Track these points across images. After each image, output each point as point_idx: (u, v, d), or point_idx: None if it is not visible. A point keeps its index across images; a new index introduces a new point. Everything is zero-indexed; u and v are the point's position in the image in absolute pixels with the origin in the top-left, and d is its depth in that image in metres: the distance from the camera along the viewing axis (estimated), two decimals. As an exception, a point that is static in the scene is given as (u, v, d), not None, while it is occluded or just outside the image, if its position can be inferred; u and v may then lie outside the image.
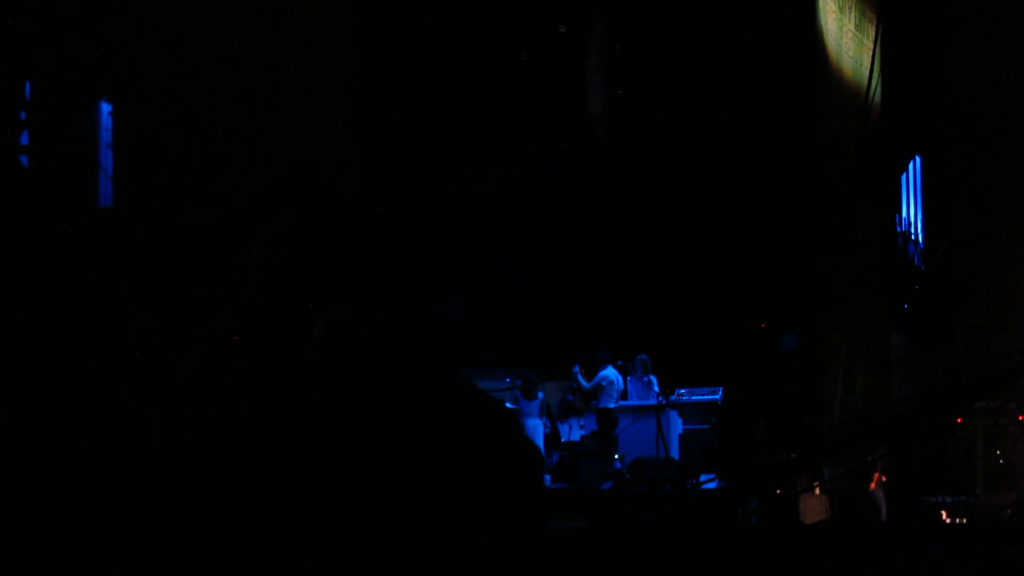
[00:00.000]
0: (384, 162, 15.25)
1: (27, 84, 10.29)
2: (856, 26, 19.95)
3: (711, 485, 14.55)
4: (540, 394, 16.78)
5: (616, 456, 16.13)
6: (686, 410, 16.80)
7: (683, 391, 16.94)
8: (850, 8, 19.91)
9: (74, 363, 9.17)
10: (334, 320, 11.71)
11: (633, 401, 16.61)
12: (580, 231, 18.76)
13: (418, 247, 17.17)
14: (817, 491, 13.78)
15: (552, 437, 17.08)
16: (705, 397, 17.05)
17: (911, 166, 21.50)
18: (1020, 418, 15.42)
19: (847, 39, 19.64)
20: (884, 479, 12.32)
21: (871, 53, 18.04)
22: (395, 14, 16.06)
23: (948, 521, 13.30)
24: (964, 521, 13.62)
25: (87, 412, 8.79)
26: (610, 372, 16.59)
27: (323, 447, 3.65)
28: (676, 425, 16.53)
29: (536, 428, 16.51)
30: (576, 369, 17.04)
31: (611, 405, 16.39)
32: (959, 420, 14.98)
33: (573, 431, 17.35)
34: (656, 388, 16.47)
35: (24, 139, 10.35)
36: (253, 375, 10.04)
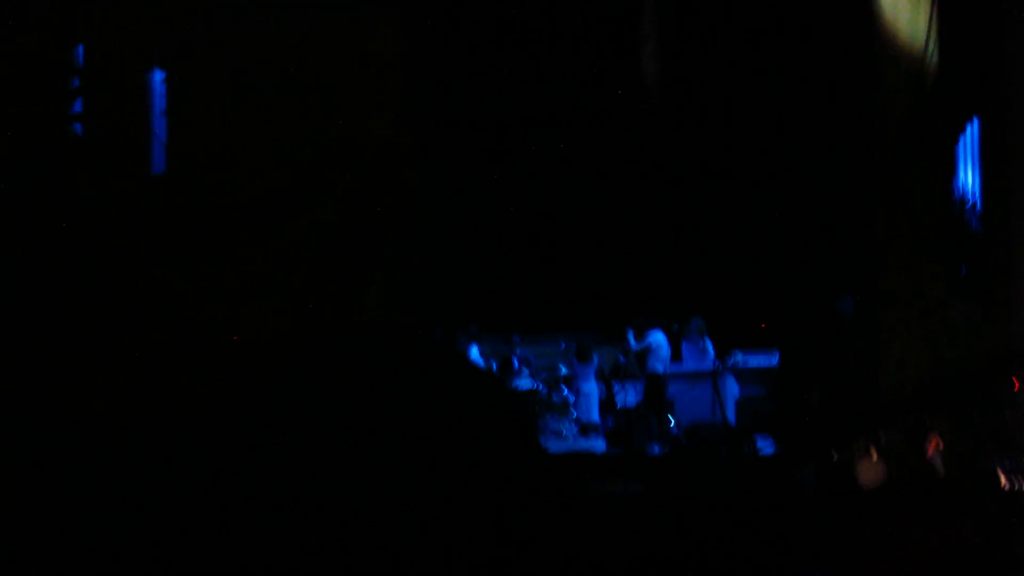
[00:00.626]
0: (438, 132, 15.24)
1: (80, 51, 10.32)
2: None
3: (767, 450, 14.51)
4: (595, 358, 16.77)
5: (672, 421, 16.11)
6: (742, 375, 16.75)
7: (739, 356, 16.88)
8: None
9: (128, 328, 9.23)
10: (388, 288, 11.72)
11: (688, 365, 16.57)
12: (636, 195, 18.68)
13: (475, 218, 17.17)
14: (874, 456, 13.69)
15: (608, 402, 17.09)
16: (761, 362, 16.98)
17: (969, 128, 21.25)
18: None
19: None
20: (942, 445, 12.20)
21: (927, 9, 17.81)
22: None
23: (1007, 486, 13.16)
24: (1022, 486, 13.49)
25: (134, 374, 8.85)
26: (657, 336, 16.54)
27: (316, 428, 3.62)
28: (732, 390, 16.48)
29: (591, 392, 16.51)
30: (630, 333, 17.01)
31: (659, 369, 16.36)
32: (1016, 387, 14.82)
33: (629, 395, 17.34)
34: (711, 352, 16.42)
35: (77, 107, 10.39)
36: (309, 340, 10.05)
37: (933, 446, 12.62)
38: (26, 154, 9.70)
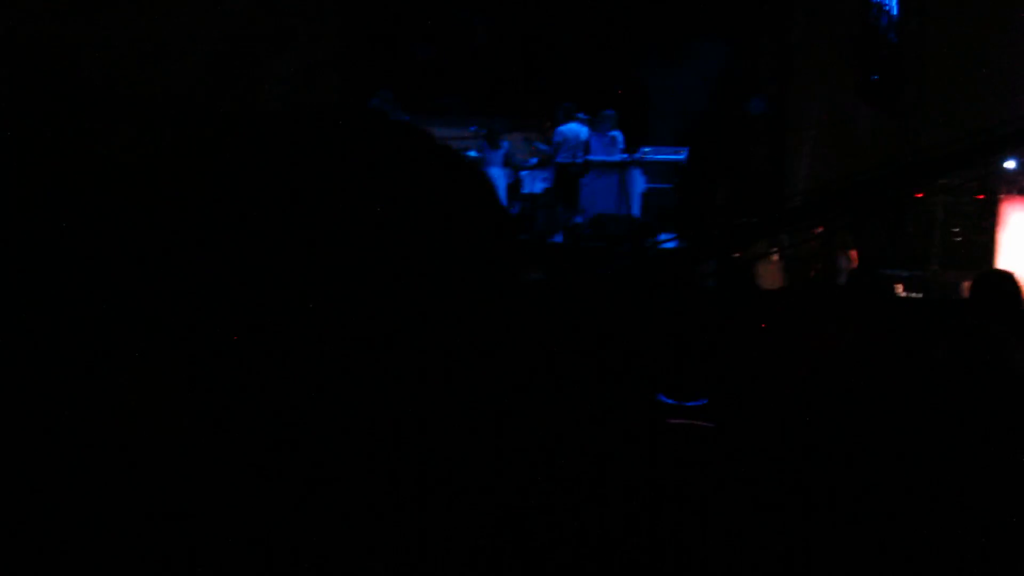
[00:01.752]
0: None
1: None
2: None
3: (670, 244, 14.63)
4: (505, 143, 16.70)
5: (577, 211, 16.19)
6: (650, 168, 16.79)
7: (648, 149, 16.90)
8: None
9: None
10: (302, 64, 11.50)
11: (596, 156, 16.57)
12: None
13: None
14: (775, 257, 13.87)
15: (514, 187, 17.09)
16: (669, 156, 17.03)
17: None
18: (979, 197, 15.49)
19: None
20: (850, 253, 12.39)
21: None
22: None
23: (904, 294, 13.44)
24: (920, 295, 13.79)
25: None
26: (570, 127, 16.50)
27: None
28: (639, 183, 16.54)
29: (498, 177, 16.49)
30: (542, 121, 16.96)
31: (570, 159, 16.36)
32: (919, 195, 15.02)
33: (536, 182, 17.35)
34: (621, 144, 16.42)
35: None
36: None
37: (840, 254, 12.81)
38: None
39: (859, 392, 6.30)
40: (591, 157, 16.50)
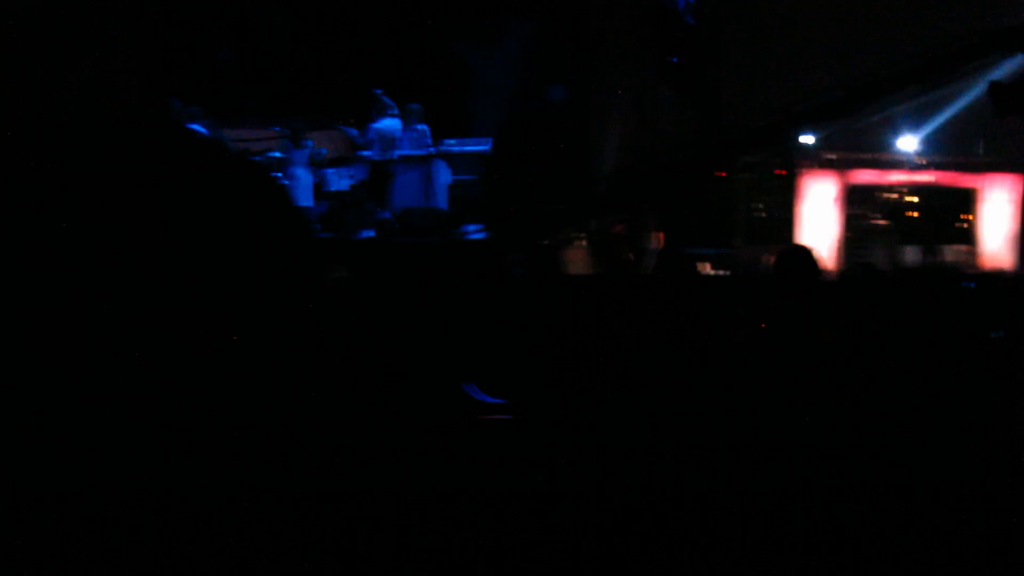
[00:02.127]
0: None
1: None
2: None
3: (478, 235, 14.60)
4: (309, 143, 16.49)
5: (386, 206, 16.06)
6: (455, 160, 16.72)
7: (452, 141, 16.83)
8: None
9: None
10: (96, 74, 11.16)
11: (403, 150, 16.43)
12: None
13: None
14: (583, 243, 13.93)
15: (319, 186, 16.87)
16: (474, 147, 16.98)
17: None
18: (778, 172, 15.79)
19: None
20: (660, 237, 12.50)
21: None
22: None
23: (711, 273, 13.59)
24: (726, 273, 13.97)
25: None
26: (384, 123, 16.36)
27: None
28: (444, 175, 16.46)
29: (303, 177, 16.27)
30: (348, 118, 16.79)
31: (383, 156, 16.23)
32: (722, 174, 15.24)
33: (342, 180, 17.14)
34: (428, 138, 16.31)
35: None
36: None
37: (646, 236, 12.93)
38: None
39: (674, 377, 6.30)
40: (396, 152, 16.36)
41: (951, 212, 17.29)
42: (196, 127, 15.58)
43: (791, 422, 5.66)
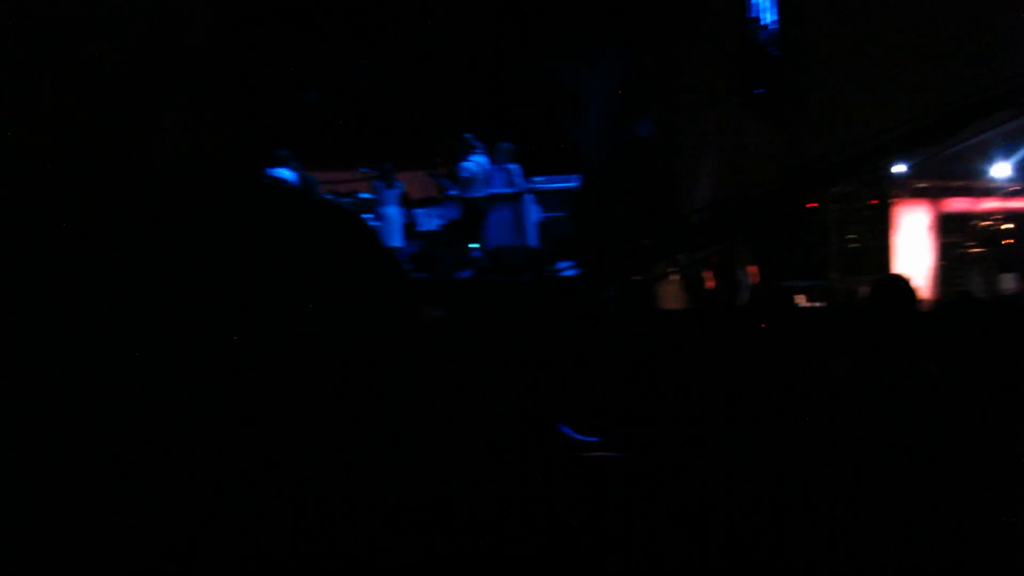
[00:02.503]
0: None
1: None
2: None
3: (571, 272, 14.62)
4: (399, 184, 16.65)
5: (475, 245, 16.13)
6: (544, 198, 16.79)
7: (541, 178, 16.91)
8: None
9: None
10: (186, 122, 11.25)
11: (494, 189, 16.53)
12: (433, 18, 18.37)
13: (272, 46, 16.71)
14: (674, 278, 13.90)
15: (410, 226, 17.02)
16: (563, 185, 17.05)
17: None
18: (872, 202, 15.65)
19: None
20: (753, 270, 12.45)
21: None
22: None
23: (807, 305, 13.51)
24: (822, 304, 13.88)
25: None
26: (476, 161, 16.46)
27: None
28: (535, 213, 16.53)
29: (394, 217, 16.42)
30: (437, 157, 16.91)
31: (476, 194, 16.32)
32: (814, 205, 15.14)
33: (432, 220, 17.28)
34: (519, 176, 16.39)
35: None
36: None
37: (739, 269, 12.87)
38: None
39: (772, 412, 6.27)
40: (487, 191, 16.46)
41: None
42: (286, 171, 15.80)
43: (892, 454, 5.62)
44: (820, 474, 5.57)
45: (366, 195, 16.90)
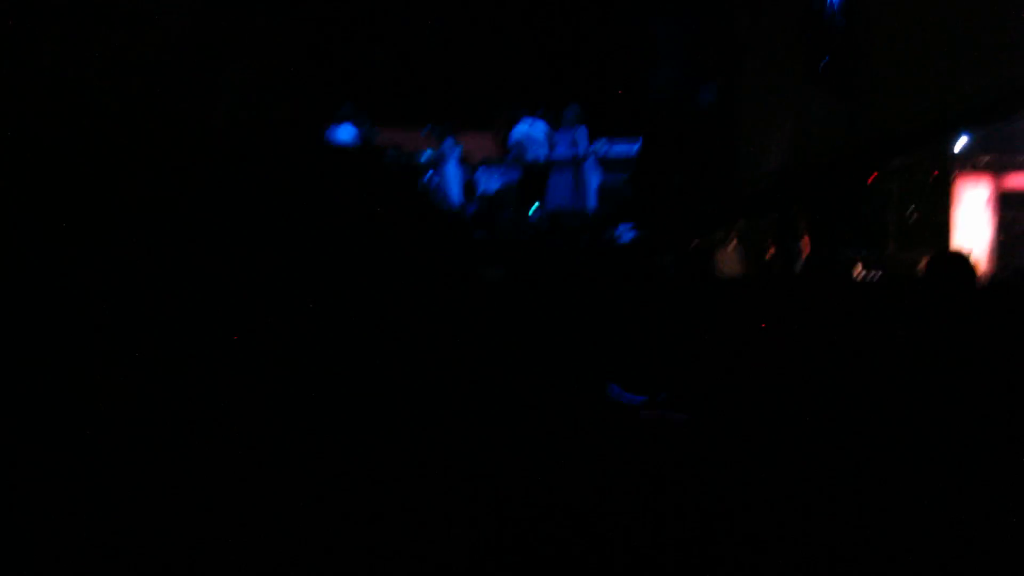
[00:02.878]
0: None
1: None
2: None
3: (628, 236, 14.65)
4: (460, 144, 16.70)
5: (534, 207, 16.17)
6: (605, 162, 16.80)
7: (601, 142, 16.91)
8: None
9: None
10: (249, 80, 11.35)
11: (556, 153, 16.56)
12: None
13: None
14: (733, 245, 13.92)
15: (470, 186, 17.08)
16: (624, 148, 17.04)
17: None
18: (935, 174, 15.58)
19: None
20: (807, 239, 12.43)
21: None
22: None
23: (863, 272, 13.48)
24: (879, 275, 13.84)
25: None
26: (520, 130, 16.50)
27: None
28: (594, 176, 16.55)
29: (454, 176, 16.48)
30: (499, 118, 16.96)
31: (538, 158, 16.36)
32: (874, 175, 15.09)
33: (493, 180, 17.33)
34: (583, 139, 16.40)
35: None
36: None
37: (806, 240, 12.84)
38: None
39: (827, 380, 6.32)
40: (551, 154, 16.49)
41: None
42: (349, 128, 15.90)
43: (944, 430, 5.65)
44: (870, 445, 5.61)
45: (428, 152, 16.97)
